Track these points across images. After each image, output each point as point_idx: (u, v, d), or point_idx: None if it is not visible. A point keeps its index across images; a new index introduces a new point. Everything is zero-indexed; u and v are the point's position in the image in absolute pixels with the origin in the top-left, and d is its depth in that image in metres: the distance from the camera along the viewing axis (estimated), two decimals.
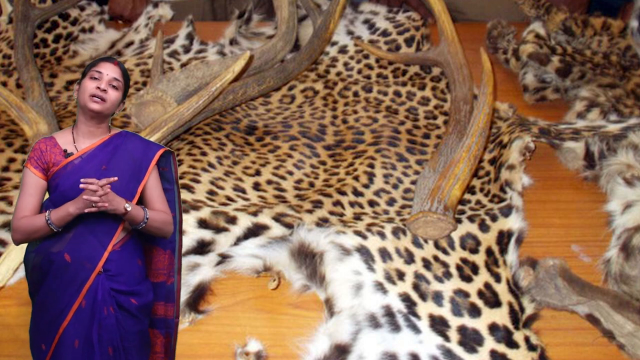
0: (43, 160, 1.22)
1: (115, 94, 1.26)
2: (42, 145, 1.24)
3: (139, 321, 1.20)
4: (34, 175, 1.22)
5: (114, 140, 1.27)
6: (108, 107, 1.24)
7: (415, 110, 2.08)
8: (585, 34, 2.30)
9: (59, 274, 1.14)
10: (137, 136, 1.31)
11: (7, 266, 1.39)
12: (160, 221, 1.25)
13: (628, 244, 1.40)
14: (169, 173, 1.33)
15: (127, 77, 1.30)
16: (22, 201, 1.20)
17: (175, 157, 1.35)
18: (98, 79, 1.24)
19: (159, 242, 1.31)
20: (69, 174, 1.21)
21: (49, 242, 1.17)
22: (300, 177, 1.77)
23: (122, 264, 1.19)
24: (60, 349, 1.11)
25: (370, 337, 1.30)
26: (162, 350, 1.27)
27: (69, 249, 1.15)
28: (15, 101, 1.77)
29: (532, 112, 2.06)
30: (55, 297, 1.14)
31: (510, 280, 1.43)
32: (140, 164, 1.26)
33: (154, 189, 1.28)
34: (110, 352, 1.15)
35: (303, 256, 1.43)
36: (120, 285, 1.18)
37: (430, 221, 1.48)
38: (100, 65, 1.26)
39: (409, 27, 2.37)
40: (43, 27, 2.40)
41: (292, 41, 2.22)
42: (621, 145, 1.65)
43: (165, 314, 1.28)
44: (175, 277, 1.31)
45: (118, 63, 1.28)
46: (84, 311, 1.13)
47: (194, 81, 1.87)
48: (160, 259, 1.31)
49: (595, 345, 1.35)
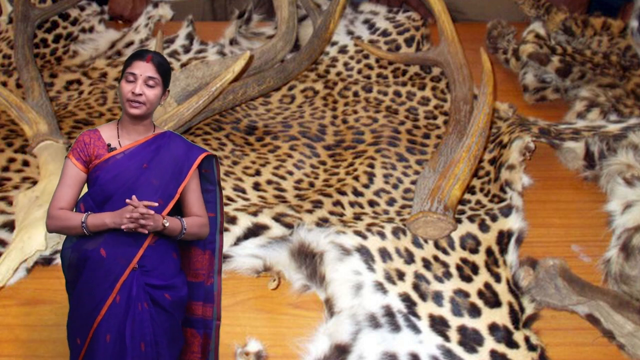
0: (86, 153, 1.23)
1: (152, 93, 1.24)
2: (85, 137, 1.25)
3: (171, 316, 1.21)
4: (74, 166, 1.23)
5: (157, 140, 1.27)
6: (147, 107, 1.24)
7: (415, 110, 2.08)
8: (585, 34, 2.30)
9: (95, 267, 1.15)
10: (181, 137, 1.32)
11: (7, 266, 1.39)
12: (197, 226, 1.25)
13: (628, 244, 1.40)
14: (212, 175, 1.34)
15: (164, 68, 1.27)
16: (60, 191, 1.21)
17: (218, 160, 1.35)
18: (133, 81, 1.23)
19: (198, 242, 1.31)
20: (110, 168, 1.22)
21: (85, 239, 1.18)
22: (300, 177, 1.77)
23: (157, 259, 1.20)
24: (94, 343, 1.12)
25: (370, 337, 1.30)
26: (199, 350, 1.27)
27: (105, 244, 1.16)
28: (15, 101, 1.77)
29: (532, 112, 2.06)
30: (90, 291, 1.14)
31: (510, 280, 1.43)
32: (181, 165, 1.26)
33: (193, 192, 1.28)
34: (142, 347, 1.14)
35: (303, 256, 1.43)
36: (155, 280, 1.18)
37: (430, 221, 1.48)
38: (134, 66, 1.24)
39: (409, 27, 2.37)
40: (43, 27, 2.40)
41: (292, 41, 2.22)
42: (621, 145, 1.65)
43: (204, 314, 1.28)
44: (215, 278, 1.30)
45: (151, 58, 1.25)
46: (118, 306, 1.14)
47: (194, 81, 1.87)
48: (199, 259, 1.31)
49: (595, 345, 1.35)
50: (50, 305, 1.39)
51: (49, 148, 1.69)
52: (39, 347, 1.32)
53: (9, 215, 1.53)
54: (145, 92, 1.23)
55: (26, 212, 1.49)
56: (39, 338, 1.34)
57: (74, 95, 2.13)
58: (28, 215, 1.48)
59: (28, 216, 1.48)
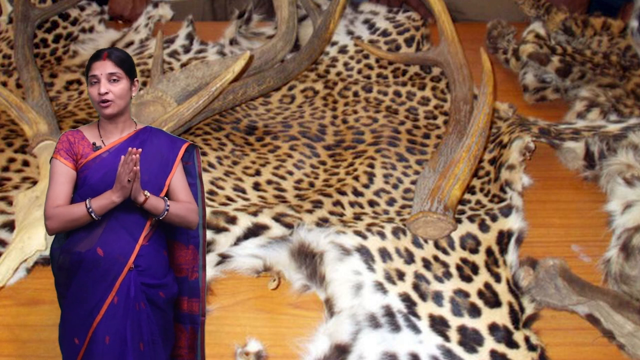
0: (73, 152, 1.23)
1: (118, 87, 1.23)
2: (69, 137, 1.24)
3: (165, 314, 1.21)
4: (64, 165, 1.22)
5: (140, 135, 1.28)
6: (118, 103, 1.24)
7: (415, 110, 2.08)
8: (585, 34, 2.30)
9: (91, 267, 1.14)
10: (162, 131, 1.33)
11: (7, 266, 1.39)
12: (183, 209, 1.24)
13: (628, 244, 1.40)
14: (192, 167, 1.34)
15: (124, 59, 1.26)
16: (54, 190, 1.20)
17: (199, 151, 1.35)
18: (96, 82, 1.23)
19: (181, 237, 1.30)
20: (97, 167, 1.22)
21: (76, 239, 1.17)
22: (300, 177, 1.77)
23: (151, 258, 1.20)
24: (92, 344, 1.11)
25: (370, 337, 1.30)
26: (186, 345, 1.27)
27: (101, 243, 1.15)
28: (15, 101, 1.77)
29: (532, 112, 2.05)
30: (87, 291, 1.14)
31: (510, 280, 1.43)
32: (167, 157, 1.27)
33: (179, 182, 1.28)
34: (141, 347, 1.14)
35: (303, 256, 1.43)
36: (150, 279, 1.18)
37: (430, 221, 1.48)
38: (93, 68, 1.23)
39: (409, 27, 2.37)
40: (43, 27, 2.40)
41: (292, 41, 2.22)
42: (621, 145, 1.65)
43: (190, 309, 1.29)
44: (200, 273, 1.30)
45: (107, 55, 1.24)
46: (116, 307, 1.13)
47: (194, 81, 1.87)
48: (182, 254, 1.31)
49: (595, 345, 1.35)
50: (50, 305, 1.38)
51: (49, 148, 1.69)
52: (39, 347, 1.32)
53: (9, 215, 1.53)
54: (110, 89, 1.22)
55: (26, 212, 1.49)
56: (39, 338, 1.34)
57: (74, 95, 2.13)
58: (28, 215, 1.48)
59: (28, 216, 1.48)
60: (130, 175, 1.12)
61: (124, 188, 1.14)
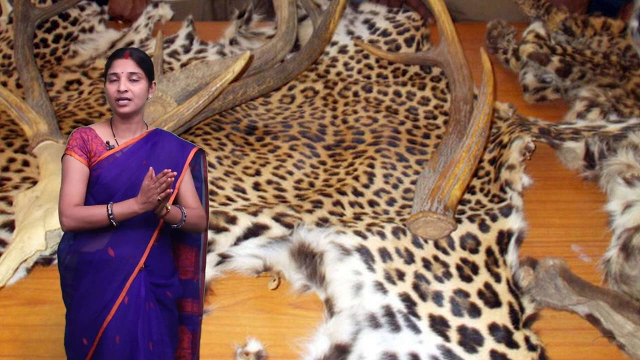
0: (86, 149, 1.22)
1: (137, 87, 1.23)
2: (82, 134, 1.24)
3: (172, 314, 1.21)
4: (78, 161, 1.21)
5: (151, 137, 1.28)
6: (136, 103, 1.24)
7: (415, 110, 2.08)
8: (585, 34, 2.30)
9: (101, 268, 1.14)
10: (172, 134, 1.34)
11: (7, 266, 1.39)
12: (196, 217, 1.26)
13: (628, 244, 1.40)
14: (199, 172, 1.35)
15: (145, 61, 1.26)
16: (70, 187, 1.18)
17: (205, 156, 1.36)
18: (116, 80, 1.23)
19: (186, 240, 1.32)
20: (111, 166, 1.22)
21: (85, 239, 1.17)
22: (300, 177, 1.77)
23: (160, 258, 1.20)
24: (103, 345, 1.11)
25: (370, 337, 1.30)
26: (189, 346, 1.27)
27: (112, 243, 1.15)
28: (15, 101, 1.77)
29: (532, 112, 2.05)
30: (97, 291, 1.13)
31: (510, 280, 1.43)
32: (176, 160, 1.28)
33: (188, 186, 1.29)
34: (150, 347, 1.14)
35: (303, 256, 1.43)
36: (159, 279, 1.19)
37: (430, 221, 1.48)
38: (114, 65, 1.23)
39: (409, 27, 2.37)
40: (43, 27, 2.40)
41: (292, 41, 2.22)
42: (621, 145, 1.65)
43: (192, 310, 1.29)
44: (200, 275, 1.32)
45: (130, 54, 1.24)
46: (127, 307, 1.13)
47: (194, 81, 1.87)
48: (187, 257, 1.32)
49: (595, 345, 1.35)
50: (50, 305, 1.38)
51: (49, 148, 1.69)
52: (39, 347, 1.32)
53: (9, 215, 1.53)
54: (130, 88, 1.22)
55: (26, 212, 1.49)
56: (39, 338, 1.34)
57: (74, 95, 2.13)
58: (28, 215, 1.48)
59: (28, 216, 1.48)
60: (162, 195, 1.12)
61: (150, 204, 1.13)
